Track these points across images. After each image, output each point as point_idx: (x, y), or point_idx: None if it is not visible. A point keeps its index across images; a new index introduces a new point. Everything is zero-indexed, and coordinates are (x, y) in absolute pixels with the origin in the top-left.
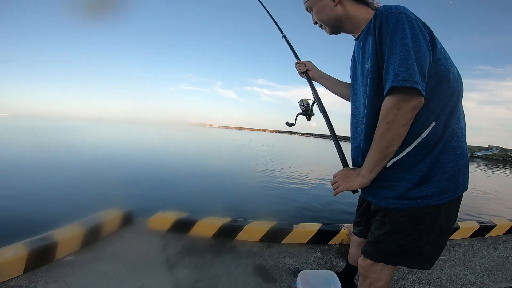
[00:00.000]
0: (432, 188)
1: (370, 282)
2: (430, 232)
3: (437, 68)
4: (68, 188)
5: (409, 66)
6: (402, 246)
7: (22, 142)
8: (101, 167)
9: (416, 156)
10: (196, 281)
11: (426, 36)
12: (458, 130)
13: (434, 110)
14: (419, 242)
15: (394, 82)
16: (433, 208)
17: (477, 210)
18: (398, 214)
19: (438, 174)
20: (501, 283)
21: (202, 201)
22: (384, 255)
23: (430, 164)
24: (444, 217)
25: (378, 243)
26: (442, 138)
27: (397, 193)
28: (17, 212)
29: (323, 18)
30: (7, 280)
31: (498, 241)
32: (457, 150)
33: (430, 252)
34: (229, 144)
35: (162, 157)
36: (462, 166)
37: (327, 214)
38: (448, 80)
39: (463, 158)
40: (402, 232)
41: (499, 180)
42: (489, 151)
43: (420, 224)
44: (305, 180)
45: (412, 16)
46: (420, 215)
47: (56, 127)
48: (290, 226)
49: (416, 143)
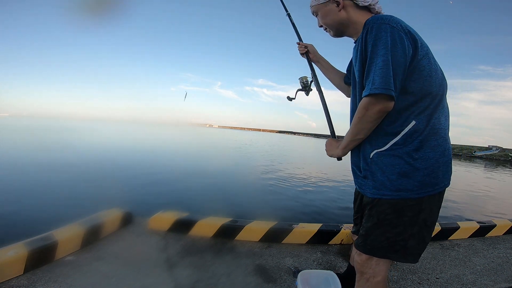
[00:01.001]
0: (411, 182)
1: (367, 278)
2: (414, 225)
3: (420, 74)
4: (68, 188)
5: (384, 75)
6: (388, 239)
7: (22, 142)
8: (101, 167)
9: (396, 151)
10: (196, 281)
11: (405, 46)
12: (439, 130)
13: (414, 111)
14: (404, 235)
15: (370, 89)
16: (414, 201)
17: (477, 210)
18: (383, 207)
19: (417, 170)
20: (501, 283)
21: (202, 201)
22: (372, 247)
23: (409, 160)
24: (427, 211)
25: (367, 235)
26: (421, 136)
27: (380, 184)
28: (17, 212)
29: (328, 22)
30: (7, 280)
31: (498, 241)
32: (437, 148)
33: (415, 245)
34: (231, 144)
35: (162, 157)
36: (442, 164)
37: (327, 214)
38: (430, 84)
39: (443, 156)
40: (388, 225)
41: (499, 180)
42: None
43: (403, 217)
44: (305, 180)
45: (395, 26)
46: (402, 208)
47: (56, 127)
48: (290, 226)
49: (396, 139)
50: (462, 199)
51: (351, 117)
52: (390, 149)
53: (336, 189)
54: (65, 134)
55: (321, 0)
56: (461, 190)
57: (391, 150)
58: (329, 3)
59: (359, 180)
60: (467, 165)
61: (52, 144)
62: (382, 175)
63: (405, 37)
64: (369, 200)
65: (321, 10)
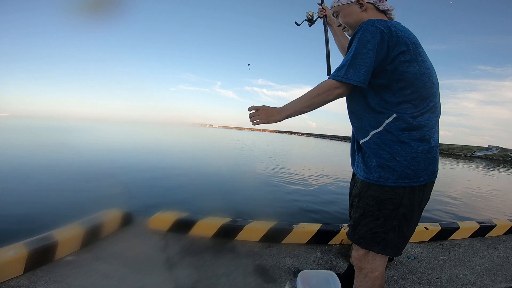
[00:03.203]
0: (391, 170)
1: (366, 273)
2: (394, 219)
3: (402, 75)
4: (68, 188)
5: (350, 66)
6: (371, 230)
7: (23, 142)
8: (101, 167)
9: (379, 140)
10: (196, 281)
11: (383, 46)
12: (423, 127)
13: (395, 106)
14: (385, 228)
15: (333, 75)
16: (394, 193)
17: (477, 210)
18: (368, 199)
19: (396, 160)
20: (501, 283)
21: (202, 201)
22: (359, 237)
23: (390, 150)
24: (407, 205)
25: (355, 226)
26: (403, 130)
27: (367, 168)
28: (17, 212)
29: (350, 22)
30: (7, 280)
31: (498, 241)
32: (419, 143)
33: (395, 239)
34: (233, 144)
35: (162, 157)
36: (423, 159)
37: (327, 214)
38: (413, 85)
39: (425, 152)
40: (371, 216)
41: (499, 180)
42: (489, 151)
43: (384, 209)
44: (305, 180)
45: (382, 28)
46: (383, 200)
47: (57, 127)
48: (290, 226)
49: (378, 130)
50: (462, 199)
51: (349, 110)
52: (374, 138)
53: (336, 189)
54: (65, 134)
55: (345, 1)
56: (461, 190)
57: (375, 138)
58: (353, 4)
59: (355, 164)
60: (467, 165)
61: (52, 144)
62: (369, 161)
63: (387, 39)
64: (357, 194)
65: (344, 11)
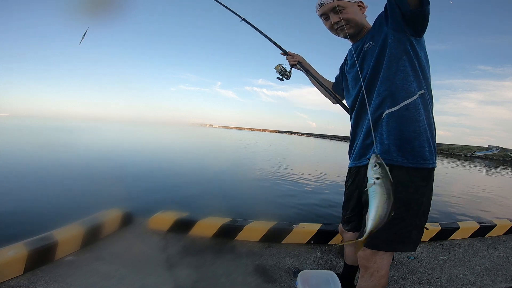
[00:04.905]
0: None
1: (371, 273)
2: (416, 217)
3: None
4: (68, 188)
5: None
6: (395, 233)
7: (23, 142)
8: (101, 167)
9: (409, 112)
10: (196, 281)
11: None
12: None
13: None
14: (409, 228)
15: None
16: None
17: (477, 210)
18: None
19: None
20: (501, 283)
21: (202, 201)
22: (378, 242)
23: (415, 128)
24: (427, 199)
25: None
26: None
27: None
28: (17, 212)
29: (355, 19)
30: (7, 280)
31: (498, 241)
32: (429, 126)
33: (417, 235)
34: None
35: (162, 157)
36: (430, 144)
37: (327, 214)
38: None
39: (432, 136)
40: (397, 218)
41: (499, 180)
42: (489, 151)
43: (410, 210)
44: (305, 180)
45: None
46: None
47: (57, 127)
48: (290, 226)
49: (408, 101)
50: (462, 199)
51: (354, 115)
52: (403, 109)
53: (337, 189)
54: (66, 134)
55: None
56: (461, 190)
57: (404, 110)
58: (355, 4)
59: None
60: (467, 165)
61: (52, 144)
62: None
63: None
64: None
65: (350, 8)
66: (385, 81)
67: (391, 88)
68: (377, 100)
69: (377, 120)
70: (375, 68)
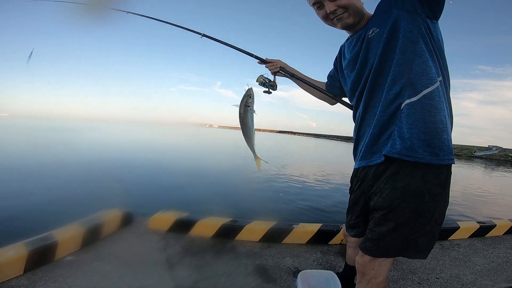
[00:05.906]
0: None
1: (369, 279)
2: (427, 225)
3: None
4: (68, 188)
5: None
6: (403, 240)
7: (23, 143)
8: (101, 167)
9: (431, 101)
10: (196, 281)
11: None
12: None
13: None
14: (417, 234)
15: None
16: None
17: (477, 210)
18: (405, 211)
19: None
20: (501, 283)
21: (202, 201)
22: (386, 249)
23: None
24: (443, 203)
25: (379, 240)
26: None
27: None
28: (17, 212)
29: (356, 5)
30: (7, 280)
31: (498, 241)
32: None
33: (425, 242)
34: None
35: (162, 157)
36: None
37: (327, 214)
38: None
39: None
40: (407, 226)
41: (499, 180)
42: (489, 151)
43: (421, 218)
44: (305, 180)
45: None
46: (422, 207)
47: (57, 127)
48: (290, 226)
49: (429, 90)
50: (462, 199)
51: (361, 110)
52: (426, 98)
53: (337, 189)
54: (66, 134)
55: None
56: (461, 190)
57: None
58: None
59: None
60: (467, 165)
61: (52, 144)
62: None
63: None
64: (384, 206)
65: None
66: (400, 68)
67: (409, 75)
68: (395, 90)
69: (394, 112)
70: (383, 55)
